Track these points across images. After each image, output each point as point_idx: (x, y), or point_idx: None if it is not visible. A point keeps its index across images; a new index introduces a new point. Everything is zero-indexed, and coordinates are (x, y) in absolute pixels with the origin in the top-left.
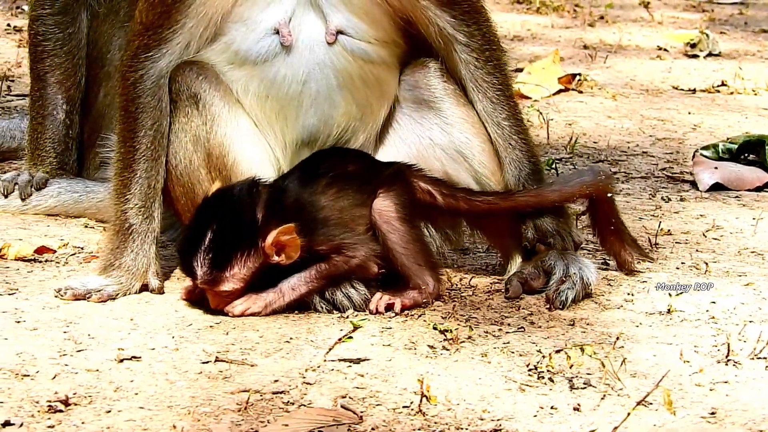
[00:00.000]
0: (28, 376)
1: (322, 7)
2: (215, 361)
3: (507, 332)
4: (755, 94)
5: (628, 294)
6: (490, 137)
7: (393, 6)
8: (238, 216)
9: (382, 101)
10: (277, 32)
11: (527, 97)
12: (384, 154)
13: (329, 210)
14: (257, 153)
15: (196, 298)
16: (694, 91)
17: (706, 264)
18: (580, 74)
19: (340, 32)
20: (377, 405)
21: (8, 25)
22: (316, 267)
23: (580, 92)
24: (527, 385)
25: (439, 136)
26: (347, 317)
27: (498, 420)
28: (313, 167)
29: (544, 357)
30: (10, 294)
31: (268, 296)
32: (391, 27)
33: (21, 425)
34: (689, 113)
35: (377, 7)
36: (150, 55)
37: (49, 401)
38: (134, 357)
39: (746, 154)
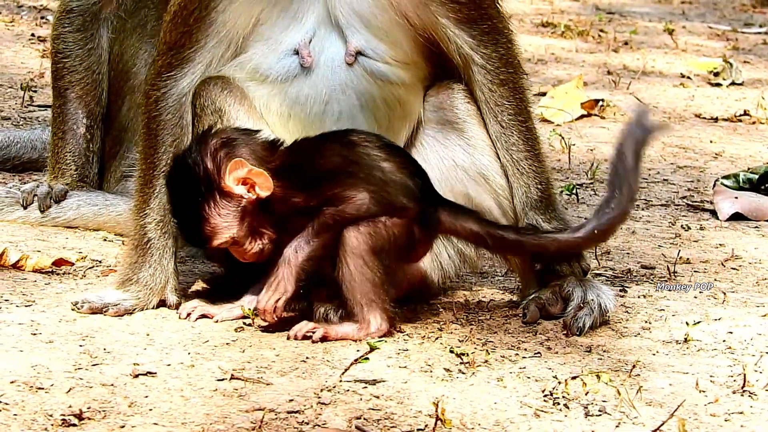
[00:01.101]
0: (43, 388)
1: (342, 28)
2: (231, 378)
3: (523, 357)
4: None
5: (646, 322)
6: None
7: (414, 25)
8: (188, 170)
9: (405, 122)
10: (297, 53)
11: (550, 122)
12: None
13: (325, 165)
14: None
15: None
16: (716, 119)
17: (724, 294)
18: (603, 100)
19: (359, 53)
20: (392, 427)
21: (32, 35)
22: (311, 224)
23: (603, 118)
24: (542, 411)
25: (462, 158)
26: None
27: None
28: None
29: (560, 383)
30: (27, 306)
31: (279, 272)
32: (412, 48)
33: None
34: (711, 141)
35: (398, 26)
36: (172, 74)
37: (63, 415)
38: (149, 372)
39: (766, 185)
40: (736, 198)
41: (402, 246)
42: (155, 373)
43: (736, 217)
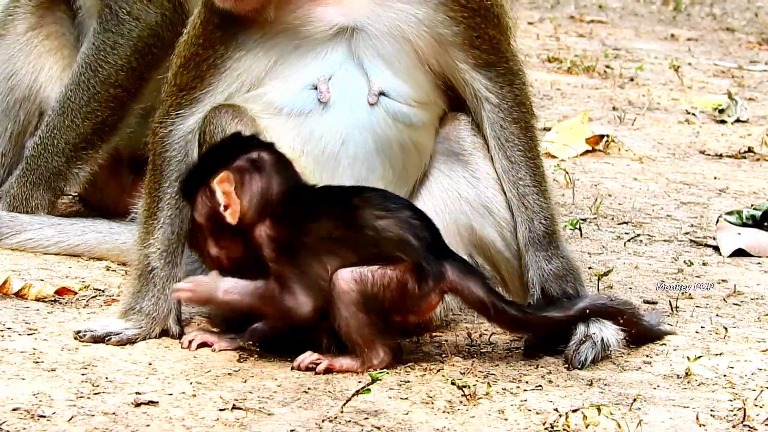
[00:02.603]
0: (45, 417)
1: (365, 68)
2: (232, 408)
3: (525, 390)
4: None
5: (647, 356)
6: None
7: (433, 69)
8: (219, 152)
9: (418, 166)
10: (316, 88)
11: (554, 157)
12: None
13: (312, 234)
14: None
15: None
16: (720, 156)
17: (726, 329)
18: (607, 135)
19: (382, 94)
20: None
21: None
22: (256, 283)
23: (608, 153)
24: None
25: (467, 190)
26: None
27: None
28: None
29: (561, 416)
30: (29, 334)
31: (205, 279)
32: (432, 89)
33: None
34: (715, 178)
35: (419, 69)
36: (181, 112)
37: None
38: (151, 402)
39: None
40: (739, 234)
41: (396, 297)
42: (157, 402)
43: (739, 253)
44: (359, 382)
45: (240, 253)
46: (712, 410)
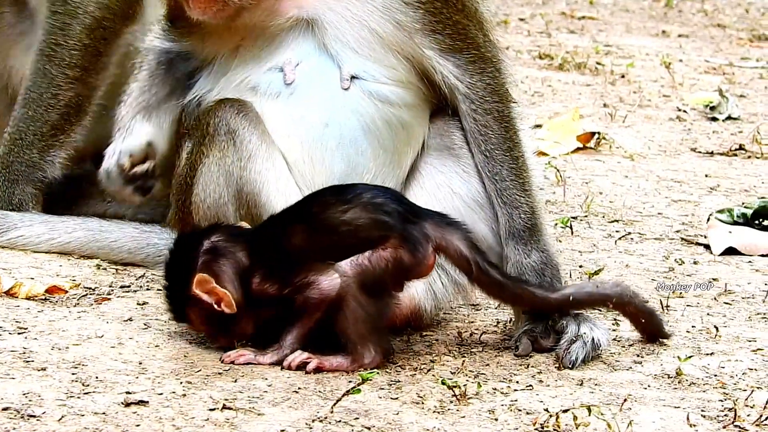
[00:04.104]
0: (35, 416)
1: (333, 55)
2: (222, 408)
3: (515, 390)
4: None
5: (638, 356)
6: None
7: (404, 55)
8: (176, 265)
9: (409, 147)
10: (282, 70)
11: (545, 154)
12: None
13: (292, 249)
14: (288, 194)
15: None
16: (711, 153)
17: (717, 328)
18: (599, 133)
19: (354, 77)
20: None
21: None
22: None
23: (598, 150)
24: None
25: (459, 185)
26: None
27: None
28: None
29: (551, 416)
30: (19, 333)
31: (266, 357)
32: (407, 72)
33: None
34: (706, 176)
35: (388, 53)
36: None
37: None
38: (141, 401)
39: (760, 220)
40: (730, 233)
41: (395, 274)
42: (147, 402)
43: (730, 251)
44: (349, 381)
45: (257, 317)
46: (702, 410)
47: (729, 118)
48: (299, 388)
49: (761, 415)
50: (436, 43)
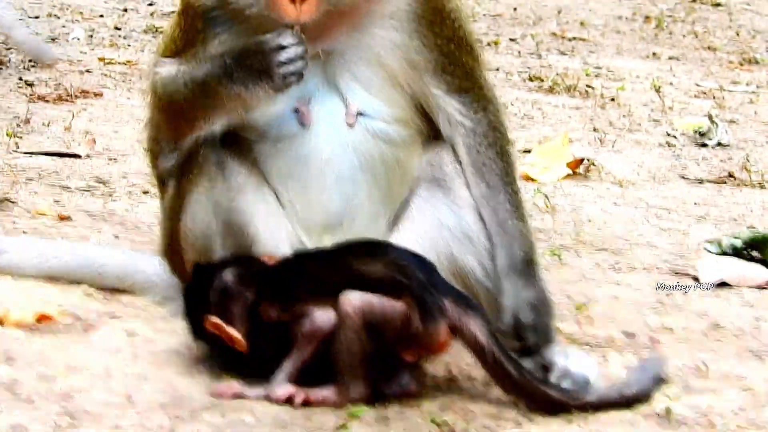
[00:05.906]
0: None
1: (341, 90)
2: None
3: (504, 428)
4: (761, 187)
5: None
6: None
7: (408, 91)
8: (192, 296)
9: (403, 184)
10: (297, 111)
11: (534, 180)
12: (394, 236)
13: (306, 281)
14: (278, 229)
15: None
16: (701, 181)
17: (706, 366)
18: (588, 159)
19: (360, 114)
20: None
21: (20, 78)
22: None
23: (587, 177)
24: None
25: (448, 218)
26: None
27: None
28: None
29: None
30: (7, 363)
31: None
32: (408, 107)
33: None
34: (695, 204)
35: (395, 89)
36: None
37: None
38: None
39: (750, 250)
40: (720, 264)
41: (400, 330)
42: None
43: (720, 283)
44: (337, 417)
45: (264, 341)
46: None
47: (719, 144)
48: (287, 424)
49: None
50: (445, 83)
